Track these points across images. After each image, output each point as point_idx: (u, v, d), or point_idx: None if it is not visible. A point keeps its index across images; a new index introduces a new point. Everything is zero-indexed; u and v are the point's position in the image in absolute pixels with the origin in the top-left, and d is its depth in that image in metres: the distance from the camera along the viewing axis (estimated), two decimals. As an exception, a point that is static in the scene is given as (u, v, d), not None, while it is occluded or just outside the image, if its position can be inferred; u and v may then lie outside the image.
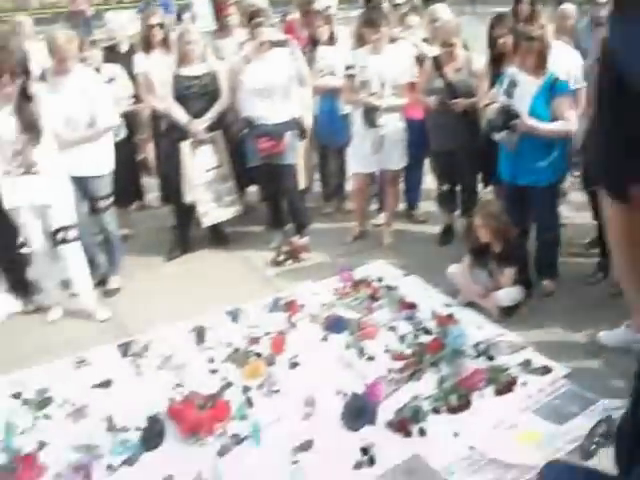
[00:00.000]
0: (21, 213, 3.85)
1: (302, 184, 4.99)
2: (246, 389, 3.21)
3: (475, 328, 3.60)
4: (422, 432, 2.85)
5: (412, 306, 3.88)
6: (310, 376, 3.29)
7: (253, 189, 5.48)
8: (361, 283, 4.19)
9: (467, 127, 4.36)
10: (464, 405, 2.99)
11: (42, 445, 2.88)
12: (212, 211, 4.83)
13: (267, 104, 4.50)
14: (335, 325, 3.73)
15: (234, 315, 3.95)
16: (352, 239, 4.94)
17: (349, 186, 5.35)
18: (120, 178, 4.50)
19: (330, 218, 5.41)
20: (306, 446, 2.79)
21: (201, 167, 4.70)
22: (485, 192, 4.85)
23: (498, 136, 3.78)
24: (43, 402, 3.22)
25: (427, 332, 3.61)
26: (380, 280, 4.24)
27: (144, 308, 4.14)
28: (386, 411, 2.97)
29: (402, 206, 5.27)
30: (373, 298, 4.02)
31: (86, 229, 4.25)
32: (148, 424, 2.93)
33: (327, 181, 5.57)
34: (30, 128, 3.68)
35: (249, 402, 3.11)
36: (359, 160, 4.72)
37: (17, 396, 3.28)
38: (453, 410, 2.97)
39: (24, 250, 4.32)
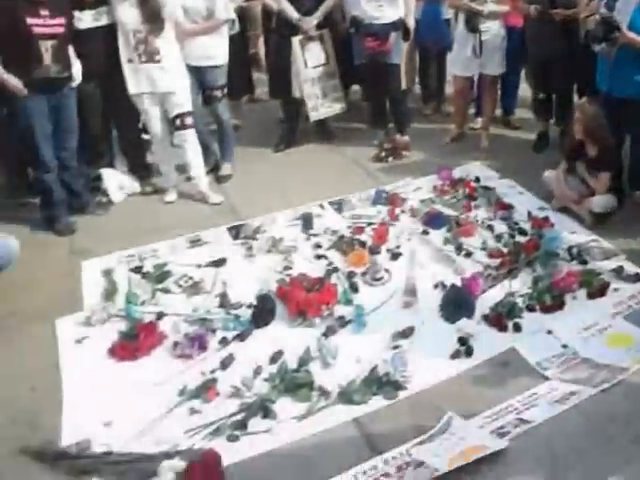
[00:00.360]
0: (143, 99, 3.68)
1: (404, 85, 4.55)
2: (351, 275, 2.97)
3: (569, 232, 3.24)
4: (517, 327, 2.58)
5: (508, 207, 3.50)
6: (410, 267, 3.00)
7: (356, 88, 5.10)
8: (459, 182, 3.81)
9: (566, 37, 3.86)
10: (557, 305, 2.71)
11: (161, 316, 2.76)
12: (319, 107, 4.49)
13: (374, 4, 4.10)
14: (434, 220, 3.40)
15: (339, 205, 3.68)
16: (450, 140, 4.54)
17: (448, 89, 4.95)
18: (233, 71, 4.22)
19: (429, 120, 4.99)
20: (407, 333, 2.56)
21: (309, 63, 4.38)
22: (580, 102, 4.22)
23: (597, 47, 3.35)
24: (161, 276, 3.09)
25: (523, 233, 3.26)
26: (477, 180, 3.84)
27: (253, 195, 3.93)
28: (483, 305, 2.70)
29: (498, 112, 4.76)
30: (471, 197, 3.65)
31: (201, 118, 4.08)
32: (258, 303, 2.75)
33: (427, 83, 5.14)
34: (153, 18, 3.51)
35: (354, 288, 2.88)
36: (460, 64, 4.33)
37: (137, 270, 3.16)
38: (547, 309, 2.69)
39: (144, 135, 4.18)
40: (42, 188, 3.61)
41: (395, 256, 3.11)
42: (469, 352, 2.43)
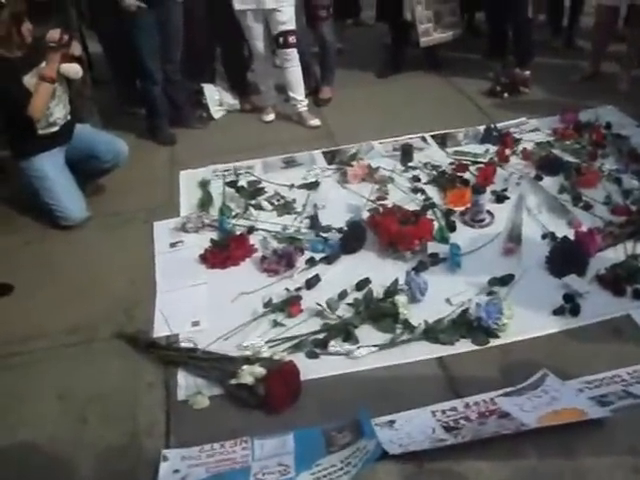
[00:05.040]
0: (247, 15, 3.71)
1: (530, 13, 4.24)
2: (449, 213, 2.93)
3: None
4: (637, 294, 2.38)
5: (644, 160, 3.22)
6: (517, 212, 2.89)
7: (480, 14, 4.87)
8: (586, 127, 3.54)
9: None
10: (690, 276, 2.46)
11: (251, 230, 2.90)
12: (432, 31, 4.33)
13: None
14: (551, 166, 3.21)
15: (442, 139, 3.59)
16: (581, 79, 4.21)
17: (583, 20, 4.59)
18: None
19: (557, 54, 4.64)
20: (506, 280, 2.49)
21: (423, -17, 4.17)
22: None
23: None
24: (255, 192, 3.22)
25: None
26: (608, 127, 3.55)
27: (352, 120, 3.93)
28: (597, 265, 2.53)
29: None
30: (598, 145, 3.38)
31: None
32: (349, 228, 2.79)
33: (558, 13, 4.74)
34: None
35: (450, 226, 2.84)
36: None
37: (232, 184, 3.32)
38: (677, 279, 2.46)
39: (246, 52, 4.25)
40: (148, 99, 3.86)
41: (500, 199, 3.01)
42: (575, 311, 2.31)
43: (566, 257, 2.57)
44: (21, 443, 1.99)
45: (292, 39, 3.76)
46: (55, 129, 3.05)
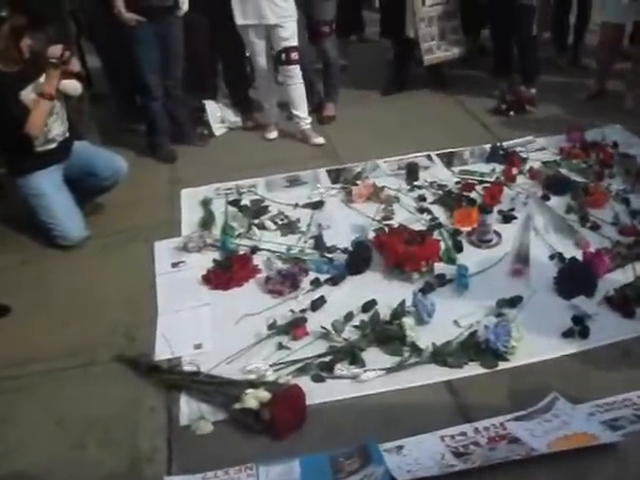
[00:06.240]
0: (249, 31, 3.76)
1: (535, 30, 4.31)
2: (456, 233, 2.95)
3: None
4: None
5: (652, 180, 3.26)
6: (524, 233, 2.89)
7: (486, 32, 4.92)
8: (593, 146, 3.60)
9: None
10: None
11: (255, 250, 2.91)
12: (435, 49, 4.39)
13: None
14: (558, 185, 3.25)
15: (449, 158, 3.63)
16: (586, 97, 4.27)
17: (588, 38, 4.64)
18: (342, 7, 4.24)
19: (562, 72, 4.72)
20: (515, 301, 2.50)
21: (427, 1, 4.27)
22: None
23: None
24: (258, 211, 3.24)
25: None
26: (615, 146, 3.60)
27: (357, 138, 3.96)
28: (606, 286, 2.55)
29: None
30: (605, 164, 3.42)
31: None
32: (354, 249, 2.81)
33: (563, 31, 4.83)
34: None
35: (457, 246, 2.86)
36: (612, 7, 3.97)
37: (234, 203, 3.34)
38: (687, 301, 2.47)
39: (248, 69, 4.31)
40: (147, 115, 3.90)
41: (508, 219, 3.03)
42: (584, 333, 2.32)
43: (574, 278, 2.58)
44: (17, 470, 1.98)
45: (294, 55, 3.82)
46: (53, 146, 3.07)
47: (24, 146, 2.96)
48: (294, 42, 3.78)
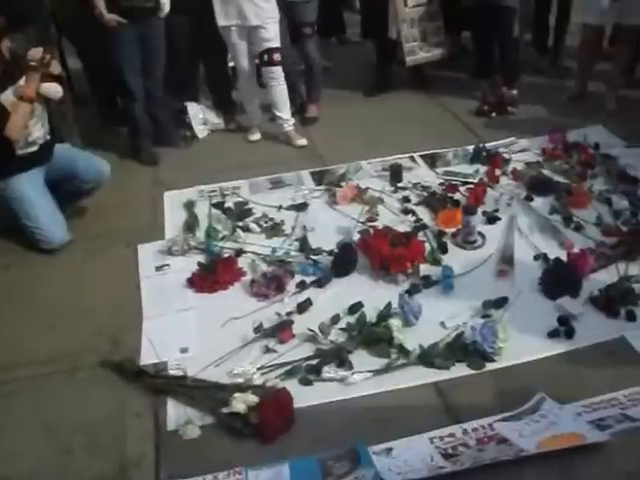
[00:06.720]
0: (231, 32, 3.76)
1: (516, 32, 4.40)
2: (441, 234, 2.98)
3: None
4: (631, 316, 2.43)
5: (633, 180, 3.30)
6: (509, 233, 2.92)
7: (467, 34, 4.97)
8: (574, 147, 3.65)
9: None
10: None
11: (240, 252, 2.92)
12: (418, 50, 4.44)
13: None
14: (541, 186, 3.30)
15: (432, 160, 3.66)
16: (568, 98, 4.34)
17: (568, 40, 4.70)
18: (322, 8, 4.23)
19: (543, 73, 4.79)
20: (500, 303, 2.53)
21: (409, 2, 4.32)
22: None
23: None
24: (242, 214, 3.24)
25: None
26: (597, 147, 3.66)
27: (340, 140, 3.99)
28: (590, 286, 2.59)
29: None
30: (587, 165, 3.48)
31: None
32: (340, 251, 2.82)
33: (544, 32, 4.90)
34: None
35: (442, 248, 2.89)
36: (592, 9, 4.00)
37: (218, 206, 3.33)
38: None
39: (230, 71, 4.31)
40: (129, 117, 3.88)
41: (492, 220, 3.07)
42: (570, 334, 2.36)
43: (559, 279, 2.62)
44: (2, 477, 1.96)
45: (277, 57, 3.82)
46: (34, 149, 3.05)
47: (4, 149, 2.93)
48: (276, 43, 3.79)
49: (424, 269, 2.74)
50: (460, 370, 2.24)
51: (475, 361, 2.26)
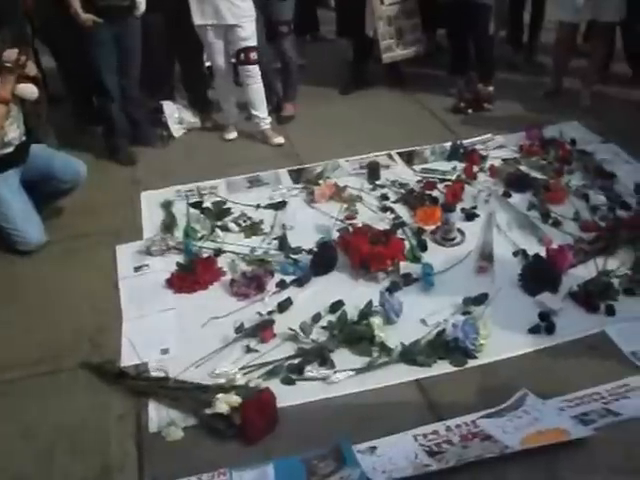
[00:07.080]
0: (207, 31, 3.75)
1: (492, 29, 4.42)
2: (420, 232, 3.00)
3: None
4: (610, 311, 2.47)
5: (610, 176, 3.35)
6: (488, 230, 2.96)
7: (442, 32, 5.01)
8: (551, 143, 3.69)
9: None
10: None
11: (219, 252, 2.91)
12: (394, 48, 4.46)
13: None
14: (519, 182, 3.33)
15: (409, 157, 3.69)
16: (543, 95, 4.38)
17: (542, 36, 4.77)
18: (297, 6, 4.23)
19: (518, 70, 4.83)
20: (480, 299, 2.56)
21: (386, -1, 4.30)
22: None
23: None
24: (220, 213, 3.23)
25: (625, 207, 3.09)
26: (573, 143, 3.70)
27: (317, 138, 3.99)
28: (569, 281, 2.62)
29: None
30: (564, 161, 3.52)
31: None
32: (319, 249, 2.83)
33: (518, 28, 4.95)
34: None
35: (422, 245, 2.91)
36: (566, 6, 4.05)
37: (196, 205, 3.32)
38: (649, 296, 2.55)
39: (206, 69, 4.28)
40: (105, 117, 3.85)
41: (470, 217, 3.10)
42: (550, 329, 2.39)
43: (538, 275, 2.64)
44: (-19, 484, 1.94)
45: (253, 55, 3.82)
46: (10, 150, 3.01)
47: (-21, 151, 2.89)
48: (253, 42, 3.78)
49: (404, 267, 2.76)
50: (442, 367, 2.26)
51: (457, 358, 2.29)
